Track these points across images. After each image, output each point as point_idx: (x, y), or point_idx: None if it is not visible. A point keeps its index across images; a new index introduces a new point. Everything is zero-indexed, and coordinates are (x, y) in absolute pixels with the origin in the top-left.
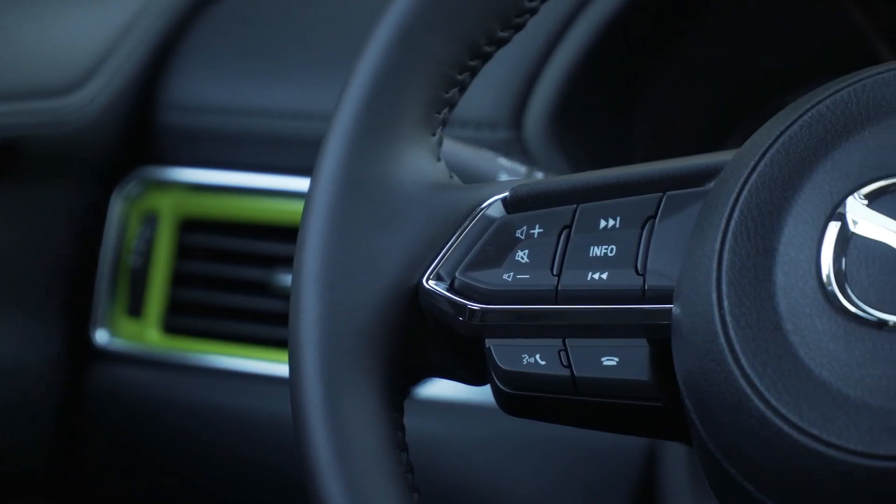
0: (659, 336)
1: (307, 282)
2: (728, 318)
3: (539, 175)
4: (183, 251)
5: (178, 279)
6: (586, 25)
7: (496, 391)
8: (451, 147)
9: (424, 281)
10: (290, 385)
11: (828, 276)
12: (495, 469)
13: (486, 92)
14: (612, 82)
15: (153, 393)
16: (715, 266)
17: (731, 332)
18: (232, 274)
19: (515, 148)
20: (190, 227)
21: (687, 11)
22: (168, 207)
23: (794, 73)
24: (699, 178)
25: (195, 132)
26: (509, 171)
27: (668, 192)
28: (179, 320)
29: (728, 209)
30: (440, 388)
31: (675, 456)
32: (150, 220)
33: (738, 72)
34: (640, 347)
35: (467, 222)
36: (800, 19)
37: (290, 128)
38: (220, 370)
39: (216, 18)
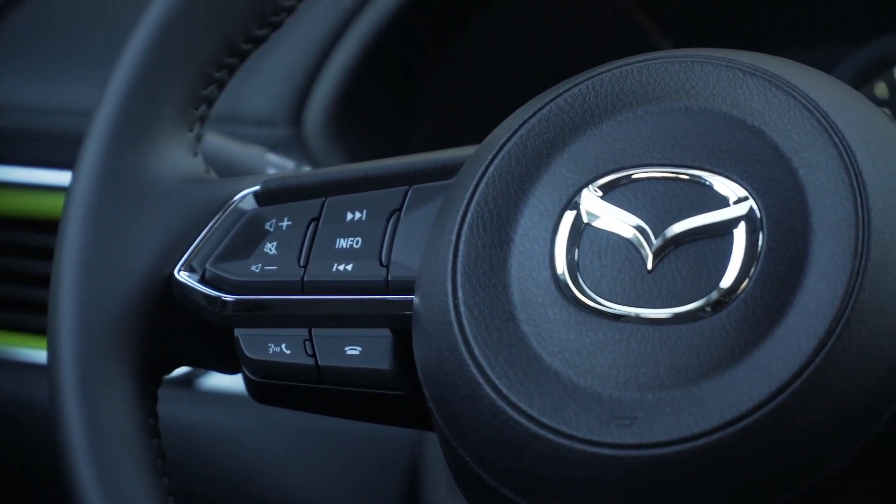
0: (402, 326)
1: (64, 272)
2: (462, 309)
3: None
4: None
5: None
6: (367, 22)
7: (246, 380)
8: (219, 143)
9: (176, 272)
10: (47, 372)
11: (561, 267)
12: (272, 459)
13: (266, 89)
14: (392, 78)
15: None
16: (451, 257)
17: (465, 322)
18: (21, 267)
19: (295, 145)
20: None
21: (469, 8)
22: None
23: (577, 69)
24: (445, 171)
25: None
26: (277, 167)
27: (413, 186)
28: None
29: (465, 202)
30: (222, 380)
31: (435, 447)
32: None
33: (522, 67)
34: (383, 337)
35: (219, 215)
36: (583, 16)
37: (80, 125)
38: (7, 361)
39: (18, 19)
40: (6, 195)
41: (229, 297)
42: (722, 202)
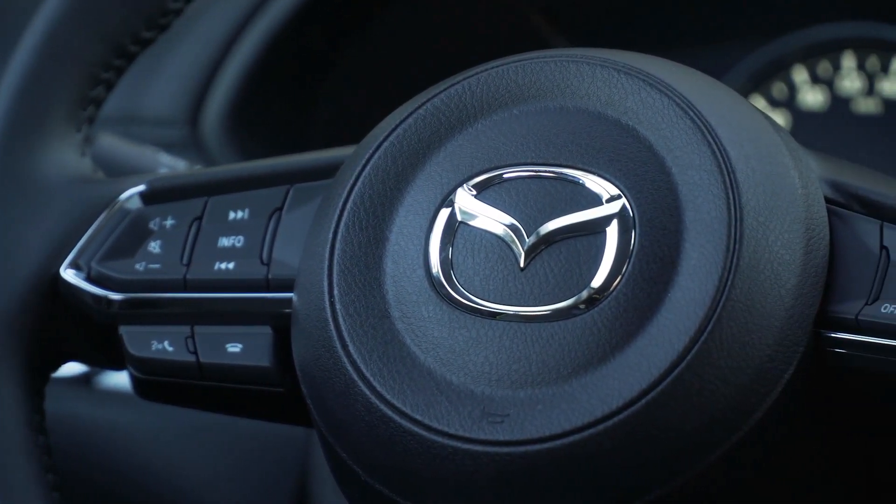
0: (283, 324)
1: None
2: (338, 306)
3: None
4: None
5: None
6: (264, 24)
7: (130, 376)
8: (112, 143)
9: (62, 270)
10: None
11: (435, 265)
12: (165, 457)
13: (164, 90)
14: (289, 80)
15: None
16: (327, 255)
17: (340, 320)
18: None
19: (192, 145)
20: None
21: (365, 11)
22: None
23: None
24: (327, 171)
25: None
26: (169, 168)
27: (295, 185)
28: None
29: (342, 200)
30: (121, 378)
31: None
32: None
33: (418, 70)
34: (264, 335)
35: (104, 214)
36: (479, 18)
37: None
38: None
39: None
40: None
41: (116, 296)
42: (595, 200)
